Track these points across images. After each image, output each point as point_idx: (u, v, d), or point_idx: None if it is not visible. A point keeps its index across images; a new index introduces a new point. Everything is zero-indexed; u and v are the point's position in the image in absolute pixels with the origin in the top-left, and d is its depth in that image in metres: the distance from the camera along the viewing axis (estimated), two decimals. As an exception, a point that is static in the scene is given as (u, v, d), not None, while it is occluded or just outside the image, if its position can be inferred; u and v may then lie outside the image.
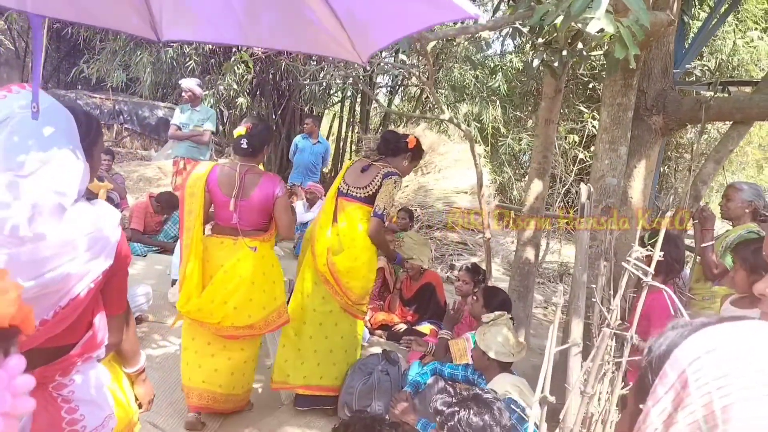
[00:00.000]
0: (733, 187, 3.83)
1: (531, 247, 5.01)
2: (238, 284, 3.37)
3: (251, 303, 3.41)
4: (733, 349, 0.67)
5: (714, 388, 0.65)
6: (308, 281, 3.81)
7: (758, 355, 0.66)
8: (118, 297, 1.75)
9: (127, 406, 2.01)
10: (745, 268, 2.81)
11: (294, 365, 3.76)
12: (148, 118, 14.01)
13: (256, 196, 3.43)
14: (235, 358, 3.52)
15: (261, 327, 3.47)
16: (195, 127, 7.14)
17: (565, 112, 10.49)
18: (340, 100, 12.41)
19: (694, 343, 0.71)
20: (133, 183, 9.44)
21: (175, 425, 3.51)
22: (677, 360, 0.70)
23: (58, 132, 1.50)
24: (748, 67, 10.02)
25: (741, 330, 0.70)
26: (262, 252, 3.49)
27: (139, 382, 2.07)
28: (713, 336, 0.70)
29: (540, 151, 5.00)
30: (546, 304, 7.25)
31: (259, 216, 3.49)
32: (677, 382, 0.69)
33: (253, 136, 3.46)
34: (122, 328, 1.81)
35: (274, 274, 3.55)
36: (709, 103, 3.89)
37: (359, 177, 3.87)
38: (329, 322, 3.79)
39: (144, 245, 6.72)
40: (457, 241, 8.30)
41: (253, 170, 3.47)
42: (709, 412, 0.65)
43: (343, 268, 3.71)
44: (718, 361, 0.66)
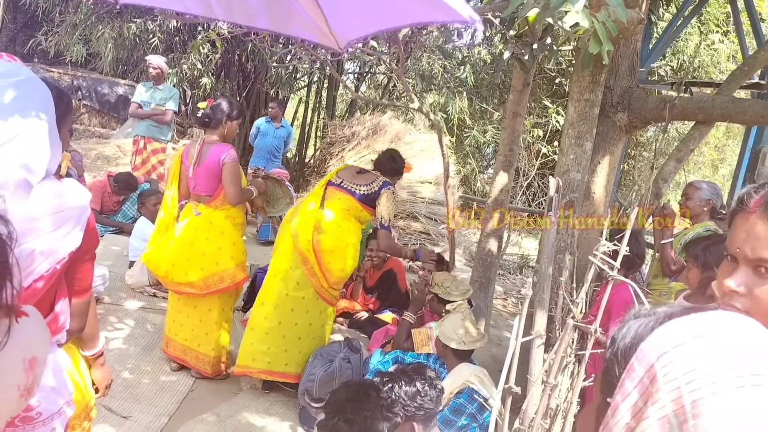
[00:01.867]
0: (692, 185, 3.92)
1: (494, 238, 5.04)
2: (179, 243, 3.77)
3: (188, 262, 3.75)
4: (701, 342, 0.67)
5: (683, 383, 0.65)
6: (284, 265, 3.78)
7: (726, 348, 0.66)
8: (84, 281, 1.69)
9: (85, 390, 1.95)
10: (698, 266, 2.87)
11: (260, 349, 3.73)
12: (108, 95, 13.63)
13: (206, 162, 3.76)
14: (192, 315, 3.90)
15: (201, 287, 3.77)
16: (157, 106, 6.99)
17: (531, 106, 10.59)
18: (306, 84, 12.26)
19: (661, 336, 0.70)
20: (91, 161, 9.18)
21: (130, 409, 3.44)
22: (645, 354, 0.70)
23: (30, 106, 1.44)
24: (708, 69, 10.26)
25: (708, 322, 0.70)
26: (209, 218, 3.81)
27: (97, 365, 2.00)
28: (680, 329, 0.70)
29: (506, 143, 5.03)
30: (506, 296, 7.34)
31: (209, 182, 3.80)
32: (645, 377, 0.68)
33: (212, 108, 3.81)
34: (86, 313, 1.75)
35: (221, 241, 3.81)
36: (674, 102, 3.96)
37: (356, 176, 4.00)
38: (301, 308, 3.78)
39: (101, 225, 6.55)
40: (420, 230, 8.31)
41: (210, 140, 3.83)
42: (678, 407, 0.64)
43: (328, 247, 3.74)
44: (686, 356, 0.66)
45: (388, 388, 2.44)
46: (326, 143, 10.42)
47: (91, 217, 1.62)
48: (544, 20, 2.44)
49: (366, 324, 5.11)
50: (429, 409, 2.43)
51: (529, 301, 2.06)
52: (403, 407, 2.39)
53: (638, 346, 0.72)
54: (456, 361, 3.21)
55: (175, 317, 3.97)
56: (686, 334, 0.68)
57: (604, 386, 0.78)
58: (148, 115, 6.97)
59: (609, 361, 0.77)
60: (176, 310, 3.97)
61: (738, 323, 0.70)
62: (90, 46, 9.63)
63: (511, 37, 4.19)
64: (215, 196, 3.82)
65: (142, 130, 7.08)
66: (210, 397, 3.78)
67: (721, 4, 10.23)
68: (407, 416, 2.41)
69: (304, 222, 3.81)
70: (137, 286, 5.12)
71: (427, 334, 3.64)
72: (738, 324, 0.70)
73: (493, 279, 5.21)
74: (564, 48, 4.57)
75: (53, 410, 1.58)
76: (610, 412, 0.71)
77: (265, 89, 10.85)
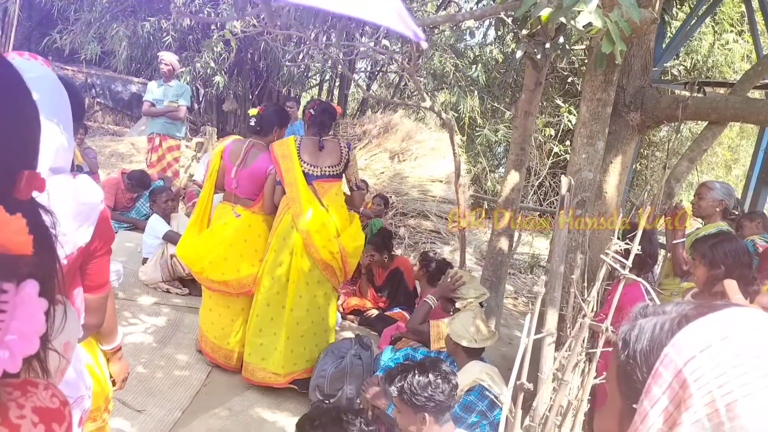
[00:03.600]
0: (705, 185, 3.91)
1: (505, 237, 5.04)
2: (217, 243, 3.83)
3: (225, 262, 3.81)
4: (727, 344, 0.68)
5: (714, 387, 0.66)
6: (302, 269, 3.76)
7: (751, 348, 0.67)
8: (100, 276, 1.69)
9: (104, 383, 1.99)
10: (704, 264, 2.88)
11: (300, 353, 3.82)
12: (121, 93, 13.74)
13: (253, 167, 3.86)
14: (223, 314, 3.97)
15: (235, 287, 3.85)
16: (169, 103, 7.03)
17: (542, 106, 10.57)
18: (318, 83, 12.30)
19: (685, 340, 0.71)
20: (105, 158, 9.25)
21: (144, 403, 3.48)
22: (671, 360, 0.70)
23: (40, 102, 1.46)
24: (722, 69, 10.20)
25: (729, 322, 0.71)
26: (248, 220, 3.88)
27: (114, 359, 2.04)
28: (704, 332, 0.70)
29: (518, 143, 5.03)
30: (516, 295, 7.34)
31: (253, 186, 3.90)
32: (674, 383, 0.69)
33: (262, 116, 3.93)
34: (103, 309, 1.76)
35: (258, 244, 3.89)
36: (687, 102, 3.95)
37: (322, 156, 3.85)
38: (322, 304, 3.88)
39: (115, 222, 6.61)
40: (430, 229, 8.33)
41: (258, 146, 3.93)
42: (712, 410, 0.66)
43: (351, 249, 3.85)
44: (715, 360, 0.67)
45: (399, 380, 2.47)
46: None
47: (104, 214, 1.62)
48: (557, 20, 2.45)
49: (376, 321, 5.14)
50: (440, 402, 2.44)
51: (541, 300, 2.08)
52: (413, 396, 2.42)
53: (658, 349, 0.73)
54: (467, 358, 3.23)
55: (206, 315, 4.06)
56: (711, 336, 0.69)
57: (625, 391, 0.77)
58: (162, 113, 7.02)
59: (626, 365, 0.77)
60: (208, 308, 4.05)
61: (756, 320, 0.71)
62: (104, 44, 9.71)
63: (524, 37, 4.19)
64: (257, 201, 3.91)
65: (157, 127, 7.13)
66: (222, 392, 3.82)
67: (736, 3, 10.17)
68: (417, 406, 2.43)
69: (318, 232, 3.72)
70: (151, 282, 5.17)
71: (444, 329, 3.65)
72: (755, 321, 0.71)
73: (504, 278, 5.21)
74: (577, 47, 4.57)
75: None
76: (638, 419, 0.72)
77: (277, 87, 10.90)
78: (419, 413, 2.45)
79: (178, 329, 4.55)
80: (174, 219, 5.49)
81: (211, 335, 4.01)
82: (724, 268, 2.82)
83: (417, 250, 7.95)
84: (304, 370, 3.84)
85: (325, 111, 3.95)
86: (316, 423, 2.16)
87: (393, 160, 9.43)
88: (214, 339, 3.99)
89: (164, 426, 3.32)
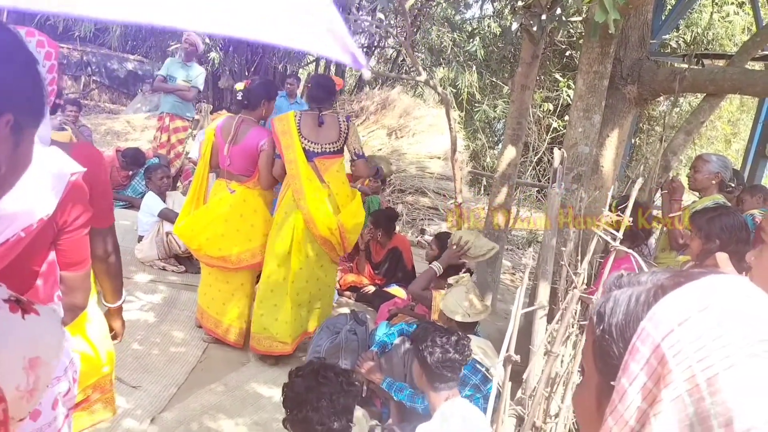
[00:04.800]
0: (701, 158, 3.87)
1: (501, 213, 5.03)
2: (213, 219, 3.87)
3: (222, 238, 3.86)
4: (706, 316, 0.65)
5: (695, 361, 0.63)
6: (303, 242, 3.85)
7: (732, 318, 0.65)
8: (76, 253, 1.61)
9: (96, 358, 1.99)
10: (700, 237, 2.86)
11: (302, 321, 3.97)
12: (117, 71, 13.62)
13: (244, 143, 3.85)
14: (223, 290, 4.00)
15: (233, 262, 3.90)
16: (182, 82, 6.94)
17: (541, 80, 10.48)
18: (315, 59, 12.19)
19: (662, 313, 0.67)
20: (101, 137, 9.21)
21: (140, 379, 3.49)
22: (648, 334, 0.67)
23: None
24: (722, 42, 10.09)
25: (707, 292, 0.68)
26: (243, 196, 3.90)
27: (118, 315, 2.20)
28: (682, 303, 0.67)
29: (515, 117, 4.99)
30: (514, 270, 7.34)
31: (246, 162, 3.89)
32: (653, 358, 0.66)
33: (249, 91, 3.89)
34: (84, 288, 1.68)
35: (254, 219, 3.93)
36: (684, 74, 3.91)
37: (322, 132, 3.85)
38: (321, 273, 3.99)
39: (111, 200, 6.59)
40: (428, 206, 8.31)
41: (248, 121, 3.90)
42: (693, 386, 0.63)
43: (350, 226, 3.91)
44: (694, 332, 0.64)
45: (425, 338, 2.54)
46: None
47: (77, 186, 1.55)
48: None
49: (373, 297, 5.15)
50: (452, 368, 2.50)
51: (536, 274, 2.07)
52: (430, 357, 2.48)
53: (634, 323, 0.69)
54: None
55: (206, 291, 4.08)
56: (689, 308, 0.66)
57: (602, 367, 0.74)
58: (172, 90, 6.93)
59: (602, 340, 0.73)
60: (208, 284, 4.07)
61: (736, 288, 0.68)
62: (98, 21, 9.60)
63: (520, 8, 4.14)
64: (251, 177, 3.91)
65: (167, 107, 7.05)
66: (219, 368, 3.83)
67: (737, -26, 10.05)
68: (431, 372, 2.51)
69: (317, 209, 3.78)
70: (147, 260, 5.17)
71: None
72: (736, 289, 0.68)
73: (501, 254, 5.21)
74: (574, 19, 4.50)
75: None
76: (616, 397, 0.69)
77: (273, 64, 10.81)
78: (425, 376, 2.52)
79: (174, 306, 4.55)
80: (169, 197, 5.47)
81: (211, 311, 4.03)
82: (719, 242, 2.79)
83: (415, 227, 7.95)
84: (301, 336, 4.00)
85: (320, 85, 3.95)
86: (300, 373, 2.21)
87: (391, 136, 9.39)
88: (215, 315, 4.02)
89: (159, 402, 3.33)
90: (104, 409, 2.07)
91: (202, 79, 7.16)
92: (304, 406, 2.09)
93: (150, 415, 3.18)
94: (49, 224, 1.49)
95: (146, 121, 10.11)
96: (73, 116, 6.89)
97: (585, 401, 0.79)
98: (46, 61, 1.55)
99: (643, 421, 0.65)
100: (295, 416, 2.13)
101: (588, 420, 0.77)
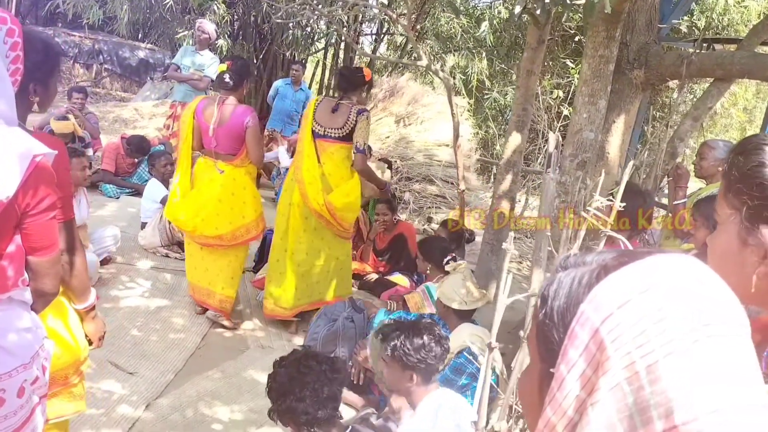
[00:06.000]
0: (706, 145, 3.78)
1: (506, 200, 4.96)
2: (206, 200, 3.99)
3: (217, 217, 3.99)
4: (647, 298, 0.60)
5: (634, 348, 0.58)
6: (299, 217, 4.12)
7: (674, 301, 0.59)
8: (43, 238, 1.57)
9: (75, 345, 1.96)
10: (707, 227, 2.78)
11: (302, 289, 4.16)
12: (129, 59, 13.64)
13: (230, 123, 3.93)
14: (217, 262, 4.12)
15: (229, 239, 4.05)
16: (195, 71, 6.90)
17: (550, 65, 10.33)
18: (323, 47, 12.12)
19: (602, 295, 0.62)
20: (109, 124, 9.22)
21: (137, 365, 3.49)
22: (587, 318, 0.62)
23: None
24: (737, 27, 9.87)
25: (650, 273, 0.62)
26: (232, 175, 4.02)
27: (88, 319, 2.02)
28: (622, 285, 0.62)
29: (520, 103, 4.92)
30: (521, 259, 7.27)
31: (232, 141, 3.98)
32: (591, 344, 0.61)
33: (233, 71, 3.97)
34: (53, 273, 1.65)
35: (244, 196, 4.08)
36: (691, 58, 3.81)
37: (332, 117, 4.07)
38: (324, 247, 4.20)
39: (117, 187, 6.61)
40: (435, 194, 8.24)
41: (230, 101, 3.99)
42: (632, 373, 0.58)
43: (340, 205, 4.07)
44: (634, 316, 0.59)
45: (391, 338, 2.46)
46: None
47: (42, 168, 1.51)
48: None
49: (376, 285, 5.10)
50: (430, 365, 2.43)
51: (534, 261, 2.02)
52: (405, 356, 2.40)
53: (575, 306, 0.64)
54: (457, 321, 3.19)
55: (197, 264, 4.19)
56: (629, 290, 0.61)
57: (543, 353, 0.69)
58: (185, 79, 6.90)
59: (543, 324, 0.68)
60: (198, 258, 4.18)
61: (682, 268, 0.63)
62: (107, 8, 9.59)
63: (523, -9, 4.05)
64: (238, 155, 4.03)
65: (180, 95, 7.01)
66: (217, 355, 3.82)
67: (753, -42, 9.82)
68: (407, 365, 2.42)
69: (311, 184, 4.05)
70: (150, 246, 5.17)
71: (420, 297, 3.62)
72: (682, 269, 0.63)
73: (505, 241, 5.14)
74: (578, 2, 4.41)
75: (2, 371, 1.52)
76: (555, 384, 0.64)
77: (282, 51, 10.76)
78: (407, 371, 2.43)
79: (175, 293, 4.55)
80: (173, 183, 5.45)
81: (204, 282, 4.15)
82: None
83: (422, 215, 7.89)
84: (308, 304, 4.22)
85: (344, 75, 4.25)
86: (283, 363, 2.20)
87: (399, 124, 9.30)
88: (208, 285, 4.14)
89: (156, 388, 3.32)
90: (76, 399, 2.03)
91: (214, 68, 7.09)
92: (287, 397, 2.07)
93: (145, 402, 3.18)
94: (10, 207, 1.46)
95: (154, 108, 10.11)
96: (80, 103, 6.89)
97: (527, 388, 0.74)
98: (8, 38, 1.51)
99: (582, 411, 0.61)
100: (280, 406, 2.11)
101: (531, 408, 0.73)
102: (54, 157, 1.55)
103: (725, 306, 0.61)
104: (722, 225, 0.97)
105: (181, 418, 3.13)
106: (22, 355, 1.57)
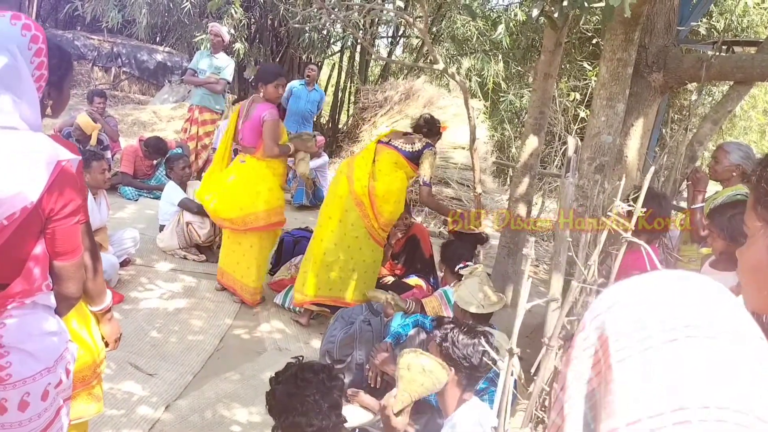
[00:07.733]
0: (721, 148, 3.73)
1: (523, 203, 4.95)
2: (225, 185, 4.45)
3: (231, 202, 4.38)
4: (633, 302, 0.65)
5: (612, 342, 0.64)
6: (339, 209, 4.34)
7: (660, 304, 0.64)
8: (67, 242, 1.59)
9: (94, 347, 1.99)
10: (723, 238, 2.74)
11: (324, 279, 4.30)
12: (147, 62, 13.76)
13: (252, 118, 4.38)
14: (237, 251, 4.53)
15: (239, 224, 4.40)
16: (211, 74, 6.96)
17: (567, 68, 10.27)
18: (339, 50, 12.15)
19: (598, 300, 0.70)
20: (128, 127, 9.33)
21: (157, 367, 3.52)
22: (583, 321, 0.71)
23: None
24: (757, 29, 9.77)
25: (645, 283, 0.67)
26: (251, 164, 4.43)
27: (104, 321, 2.04)
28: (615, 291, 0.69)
29: (537, 106, 4.90)
30: (538, 262, 7.25)
31: (253, 135, 4.39)
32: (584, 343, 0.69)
33: (255, 75, 4.52)
34: (77, 277, 1.66)
35: (259, 186, 4.40)
36: (711, 61, 3.79)
37: (402, 137, 4.54)
38: (355, 245, 4.34)
39: (136, 189, 6.67)
40: (451, 196, 8.24)
41: (257, 99, 4.46)
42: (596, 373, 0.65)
43: (380, 193, 4.31)
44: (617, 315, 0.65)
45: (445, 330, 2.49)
46: (359, 108, 10.34)
47: (70, 176, 1.53)
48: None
49: (392, 288, 5.08)
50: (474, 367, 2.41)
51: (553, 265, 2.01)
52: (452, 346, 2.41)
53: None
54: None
55: (225, 251, 4.62)
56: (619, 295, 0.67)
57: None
58: (201, 83, 6.97)
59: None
60: (226, 245, 4.63)
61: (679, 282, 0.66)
62: (125, 12, 9.70)
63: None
64: (257, 148, 4.40)
65: (197, 99, 7.08)
66: (235, 357, 3.85)
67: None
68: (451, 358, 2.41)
69: (360, 171, 4.39)
70: (168, 249, 5.21)
71: (438, 301, 3.62)
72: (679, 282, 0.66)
73: (522, 244, 5.13)
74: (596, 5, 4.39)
75: (26, 375, 1.54)
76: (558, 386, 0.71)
77: (298, 54, 10.81)
78: (449, 366, 2.42)
79: (193, 295, 4.59)
80: (190, 186, 5.50)
81: (229, 268, 4.58)
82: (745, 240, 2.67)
83: (437, 218, 7.89)
84: (329, 298, 4.32)
85: (426, 121, 4.66)
86: (280, 379, 2.16)
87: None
88: (232, 272, 4.56)
89: (175, 389, 3.35)
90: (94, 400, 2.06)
91: (230, 71, 7.15)
92: (290, 413, 2.04)
93: (165, 403, 3.21)
94: (34, 212, 1.48)
95: (172, 111, 10.20)
96: (100, 107, 6.97)
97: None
98: (33, 45, 1.53)
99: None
100: (283, 423, 2.08)
101: None
102: None
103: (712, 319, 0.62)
104: (752, 238, 0.98)
105: (200, 419, 3.16)
106: (46, 359, 1.59)
